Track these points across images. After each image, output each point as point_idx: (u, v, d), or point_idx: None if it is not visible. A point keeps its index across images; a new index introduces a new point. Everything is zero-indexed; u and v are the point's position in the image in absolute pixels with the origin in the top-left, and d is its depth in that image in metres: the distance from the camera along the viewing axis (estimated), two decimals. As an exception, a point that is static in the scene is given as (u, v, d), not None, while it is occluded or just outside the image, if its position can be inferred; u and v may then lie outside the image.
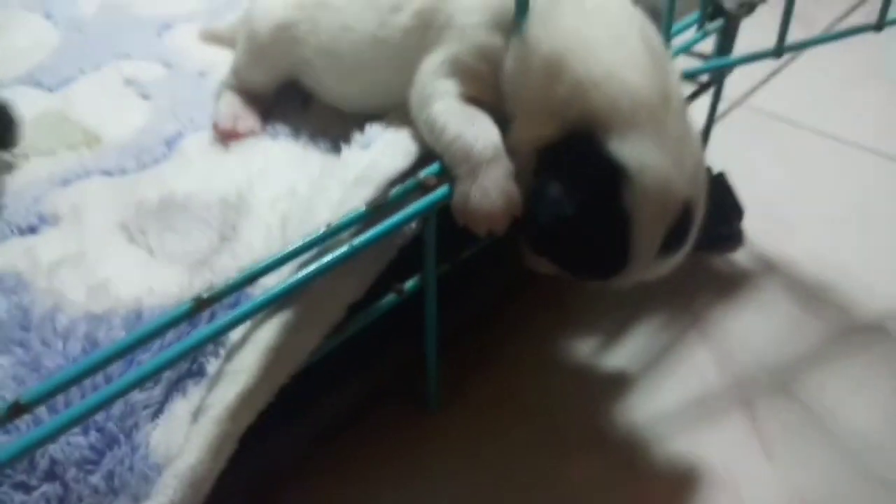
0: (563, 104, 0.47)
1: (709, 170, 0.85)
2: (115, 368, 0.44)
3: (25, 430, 0.42)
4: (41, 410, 0.41)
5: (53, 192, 0.58)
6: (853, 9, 1.34)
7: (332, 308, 0.49)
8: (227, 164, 0.59)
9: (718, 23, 0.68)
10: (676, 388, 0.69)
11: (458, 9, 0.52)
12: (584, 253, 0.49)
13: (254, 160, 0.60)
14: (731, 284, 0.80)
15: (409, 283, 0.55)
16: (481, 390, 0.68)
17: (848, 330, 0.75)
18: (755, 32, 0.74)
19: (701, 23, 0.67)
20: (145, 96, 0.70)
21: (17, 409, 0.36)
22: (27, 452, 0.36)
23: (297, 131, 0.63)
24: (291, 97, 0.67)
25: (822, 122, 1.05)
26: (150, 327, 0.39)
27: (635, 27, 0.50)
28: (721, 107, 0.82)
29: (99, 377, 0.43)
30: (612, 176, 0.46)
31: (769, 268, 0.82)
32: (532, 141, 0.49)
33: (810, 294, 0.79)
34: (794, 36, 0.67)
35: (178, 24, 0.83)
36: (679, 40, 0.67)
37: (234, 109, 0.63)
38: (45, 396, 0.36)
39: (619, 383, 0.69)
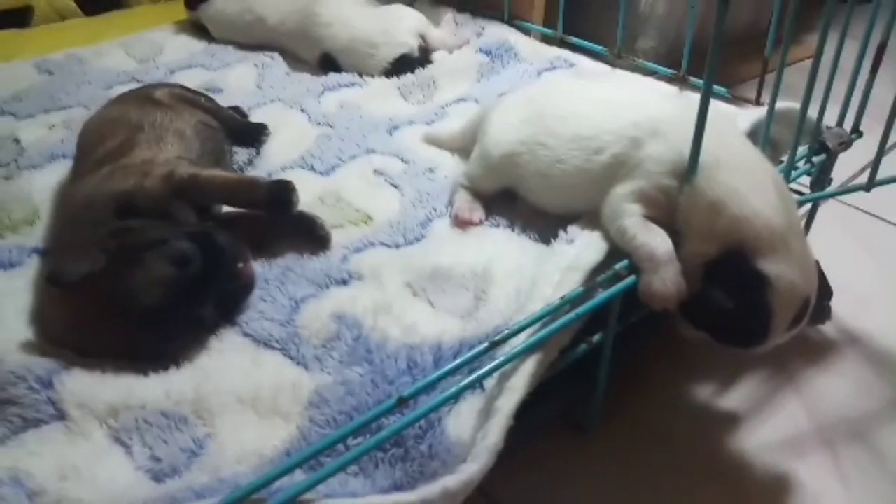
0: (722, 232, 0.72)
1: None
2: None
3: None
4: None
5: (352, 256, 0.85)
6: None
7: (554, 351, 0.74)
8: (469, 244, 0.86)
9: (821, 157, 0.91)
10: (773, 429, 0.90)
11: (647, 158, 0.77)
12: (736, 332, 0.74)
13: (487, 243, 0.86)
14: (819, 350, 1.01)
15: (596, 338, 0.80)
16: (624, 421, 0.91)
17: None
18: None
19: (809, 157, 0.90)
20: (394, 185, 0.97)
21: (402, 401, 0.62)
22: (407, 427, 0.62)
23: (511, 223, 0.89)
24: (504, 195, 0.93)
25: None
26: (469, 357, 0.65)
27: (770, 177, 0.75)
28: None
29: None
30: (759, 282, 0.70)
31: (850, 339, 1.04)
32: (699, 255, 0.73)
33: (882, 363, 1.00)
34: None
35: (402, 126, 1.10)
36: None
37: (469, 204, 0.90)
38: (419, 392, 0.63)
39: (729, 422, 0.92)
